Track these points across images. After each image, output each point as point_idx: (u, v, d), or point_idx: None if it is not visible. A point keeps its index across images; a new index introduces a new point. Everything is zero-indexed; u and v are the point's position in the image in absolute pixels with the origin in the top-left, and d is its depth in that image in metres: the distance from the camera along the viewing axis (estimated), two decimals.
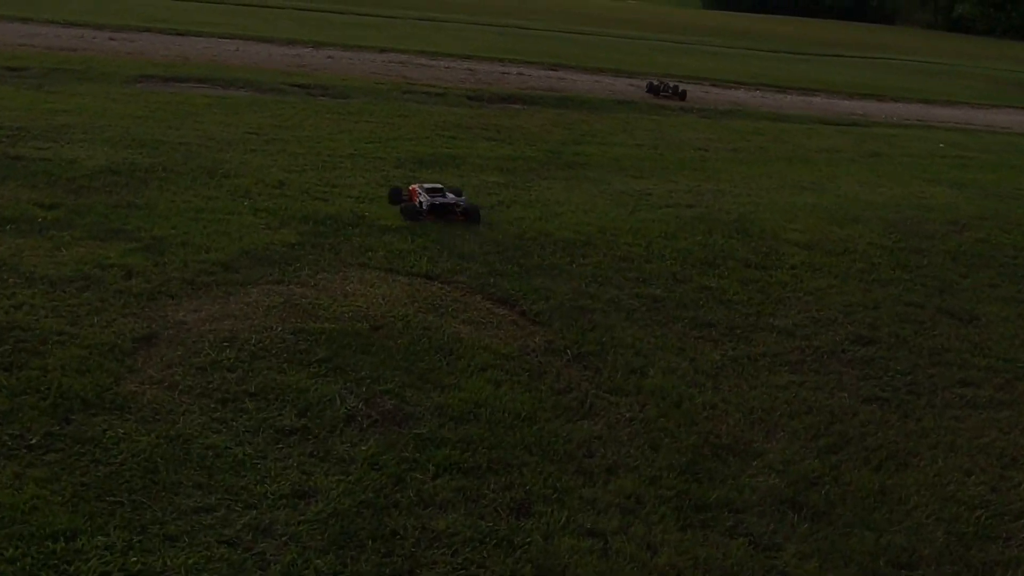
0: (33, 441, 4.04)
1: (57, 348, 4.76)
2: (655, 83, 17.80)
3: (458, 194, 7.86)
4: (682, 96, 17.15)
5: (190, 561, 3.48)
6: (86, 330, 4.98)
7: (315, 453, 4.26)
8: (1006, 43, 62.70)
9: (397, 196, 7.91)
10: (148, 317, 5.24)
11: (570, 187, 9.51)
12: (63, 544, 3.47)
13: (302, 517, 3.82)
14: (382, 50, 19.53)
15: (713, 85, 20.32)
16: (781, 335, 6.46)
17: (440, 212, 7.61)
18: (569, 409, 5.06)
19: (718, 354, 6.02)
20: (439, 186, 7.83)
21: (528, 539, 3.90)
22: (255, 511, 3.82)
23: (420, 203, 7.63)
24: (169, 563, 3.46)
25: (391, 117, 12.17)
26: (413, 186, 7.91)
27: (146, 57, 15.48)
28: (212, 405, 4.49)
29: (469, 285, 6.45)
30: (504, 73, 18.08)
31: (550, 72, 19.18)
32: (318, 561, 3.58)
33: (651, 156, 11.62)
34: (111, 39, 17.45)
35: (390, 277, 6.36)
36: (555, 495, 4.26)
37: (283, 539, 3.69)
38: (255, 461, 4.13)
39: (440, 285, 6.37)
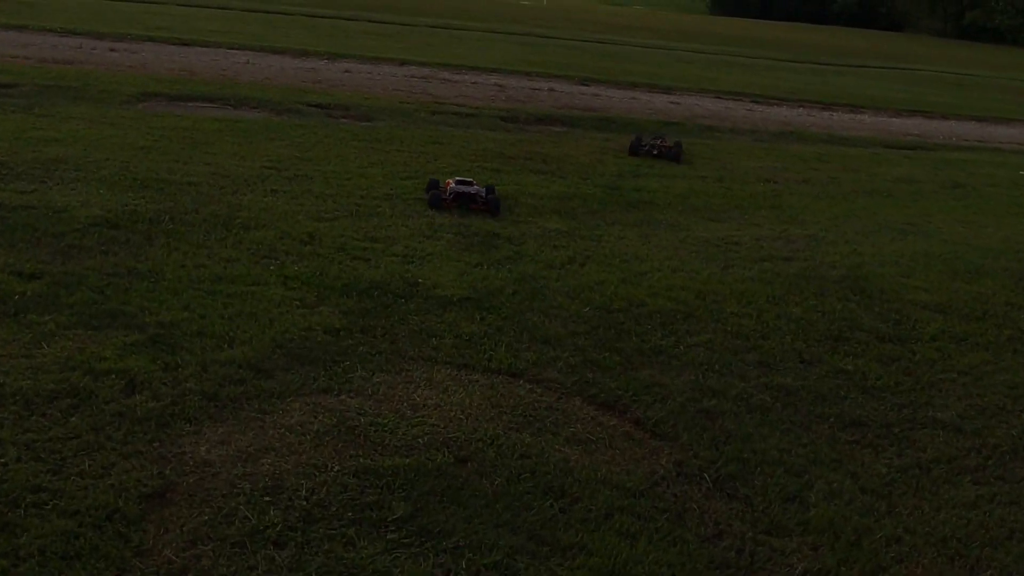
0: None
1: (34, 517, 3.39)
2: (638, 138, 11.89)
3: (490, 191, 8.40)
4: (674, 156, 11.49)
5: None
6: (74, 483, 3.60)
7: None
8: (1019, 51, 61.31)
9: (433, 185, 8.43)
10: (159, 456, 3.86)
11: (645, 235, 8.14)
12: None
13: None
14: (402, 62, 18.14)
15: (754, 102, 18.96)
16: (948, 432, 5.25)
17: (463, 200, 8.15)
18: (727, 565, 3.86)
19: (883, 465, 4.82)
20: (469, 180, 8.49)
21: None
22: None
23: (447, 192, 8.19)
24: None
25: (424, 144, 10.79)
26: (448, 180, 8.47)
27: (149, 71, 14.11)
28: None
29: (563, 383, 5.09)
30: (535, 89, 16.71)
31: (582, 88, 17.82)
32: None
33: (719, 192, 10.26)
34: (112, 50, 16.08)
35: (464, 376, 4.99)
36: None
37: None
38: None
39: (528, 386, 5.02)
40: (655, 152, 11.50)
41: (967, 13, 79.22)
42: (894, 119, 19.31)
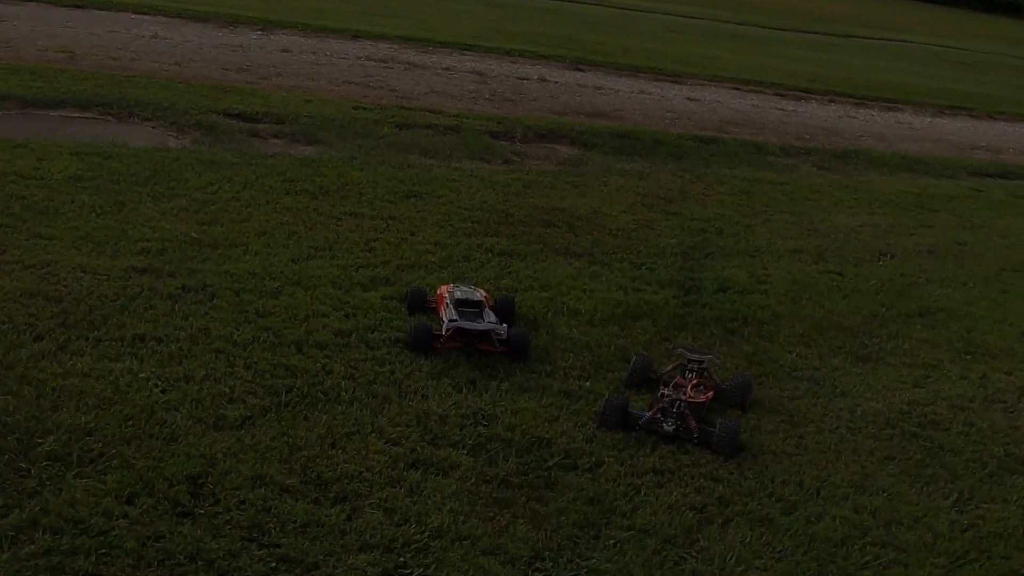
0: None
1: None
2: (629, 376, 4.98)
3: (508, 316, 5.14)
4: (725, 444, 4.37)
5: None
6: None
7: None
8: (996, 18, 58.28)
9: (418, 303, 5.28)
10: None
11: (787, 415, 4.78)
12: None
13: None
14: (355, 35, 14.40)
15: (779, 96, 15.58)
16: None
17: (468, 340, 4.92)
18: None
19: None
20: (477, 297, 5.12)
21: None
22: None
23: (441, 322, 4.97)
24: None
25: (394, 197, 7.25)
26: (442, 289, 5.31)
27: (11, 53, 10.32)
28: None
29: None
30: (522, 80, 13.14)
31: (577, 74, 14.27)
32: None
33: (834, 285, 6.92)
34: None
35: None
36: None
37: None
38: None
39: None
40: (673, 427, 4.43)
41: None
42: (940, 120, 16.09)
